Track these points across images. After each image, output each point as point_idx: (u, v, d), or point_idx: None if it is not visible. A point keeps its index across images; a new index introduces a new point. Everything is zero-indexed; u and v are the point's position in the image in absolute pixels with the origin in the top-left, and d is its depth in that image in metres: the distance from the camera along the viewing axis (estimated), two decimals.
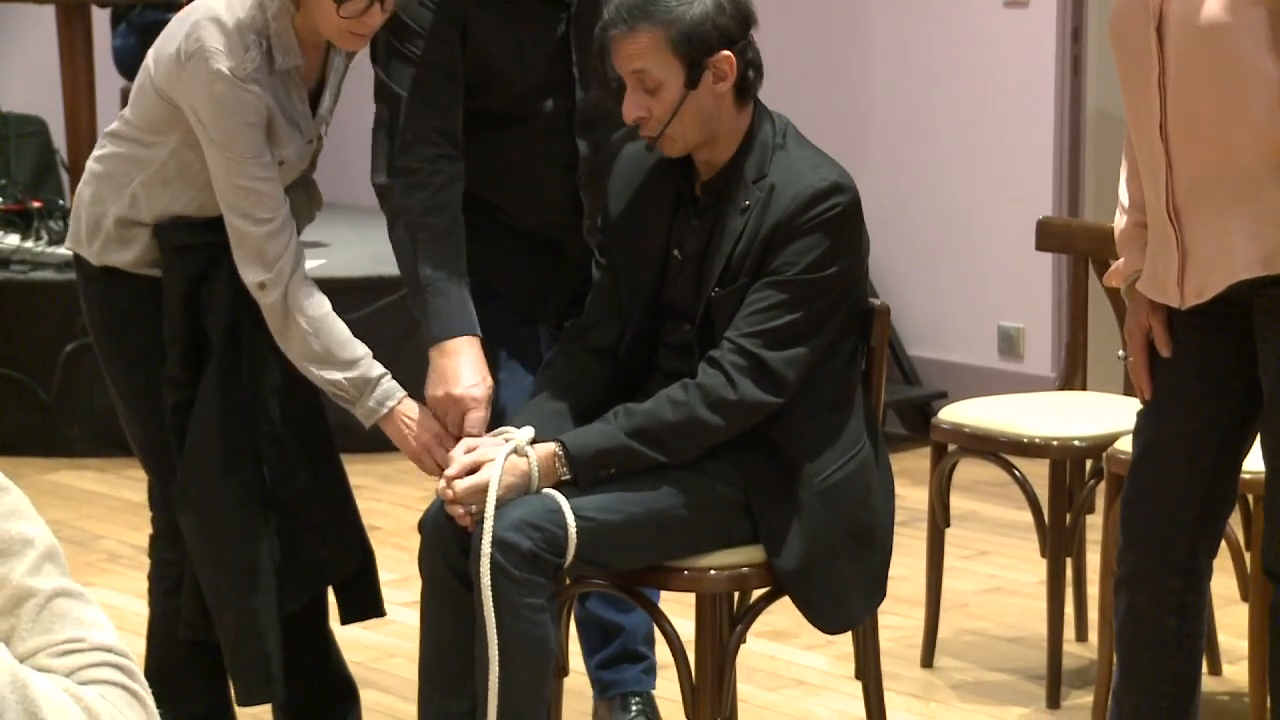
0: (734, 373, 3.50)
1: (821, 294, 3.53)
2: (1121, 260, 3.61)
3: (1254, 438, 3.54)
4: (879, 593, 3.70)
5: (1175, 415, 3.53)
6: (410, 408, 3.75)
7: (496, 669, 3.42)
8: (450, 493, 3.48)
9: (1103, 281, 4.03)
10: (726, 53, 3.51)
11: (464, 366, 3.72)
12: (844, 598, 3.63)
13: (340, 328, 3.75)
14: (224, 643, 3.85)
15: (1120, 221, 3.60)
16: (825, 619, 3.65)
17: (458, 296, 3.77)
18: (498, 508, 3.45)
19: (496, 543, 3.42)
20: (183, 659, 3.96)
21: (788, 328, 3.51)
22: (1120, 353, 3.68)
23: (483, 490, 3.46)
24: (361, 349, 3.75)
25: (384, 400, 3.74)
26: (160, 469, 3.92)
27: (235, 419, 3.82)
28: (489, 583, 3.40)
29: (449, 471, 3.51)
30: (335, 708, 4.07)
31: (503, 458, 3.48)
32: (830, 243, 3.51)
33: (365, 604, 4.03)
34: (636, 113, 3.53)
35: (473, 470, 3.49)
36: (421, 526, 3.61)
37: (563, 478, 3.51)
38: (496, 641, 3.42)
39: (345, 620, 4.05)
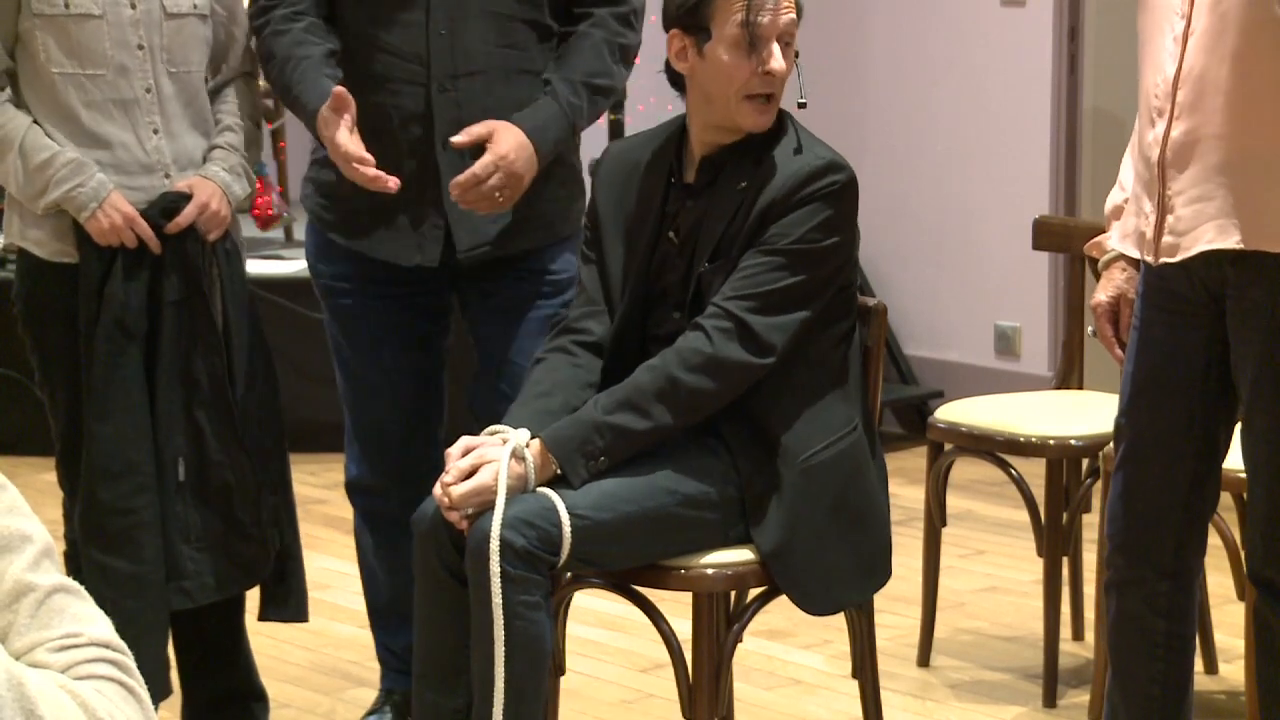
0: (714, 333, 3.50)
1: (813, 265, 3.52)
2: (1106, 235, 3.59)
3: (1232, 434, 3.53)
4: (875, 578, 3.68)
5: (1155, 417, 3.50)
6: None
7: (501, 667, 3.43)
8: (446, 499, 3.48)
9: (1084, 250, 4.02)
10: (674, 32, 3.61)
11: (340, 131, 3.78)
12: (831, 580, 3.61)
13: None
14: None
15: (1117, 197, 3.58)
16: (810, 600, 3.62)
17: (315, 69, 3.88)
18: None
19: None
20: None
21: (775, 294, 3.51)
22: (1090, 329, 3.67)
23: (481, 494, 3.45)
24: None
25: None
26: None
27: (133, 416, 3.82)
28: (498, 572, 3.39)
29: (446, 477, 3.49)
30: (243, 709, 4.09)
31: (506, 459, 3.47)
32: (826, 216, 3.52)
33: (284, 606, 4.03)
34: None
35: (470, 474, 3.48)
36: (414, 523, 3.60)
37: (555, 472, 3.51)
38: (500, 638, 3.42)
39: (261, 617, 4.06)
